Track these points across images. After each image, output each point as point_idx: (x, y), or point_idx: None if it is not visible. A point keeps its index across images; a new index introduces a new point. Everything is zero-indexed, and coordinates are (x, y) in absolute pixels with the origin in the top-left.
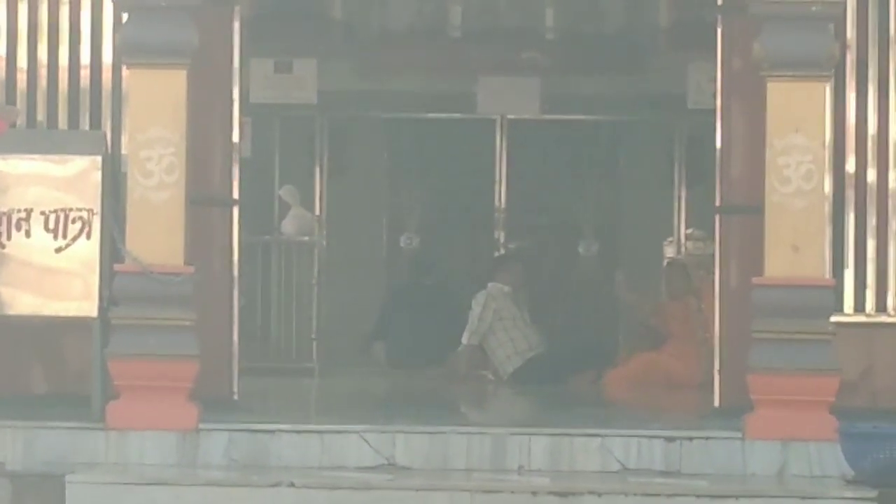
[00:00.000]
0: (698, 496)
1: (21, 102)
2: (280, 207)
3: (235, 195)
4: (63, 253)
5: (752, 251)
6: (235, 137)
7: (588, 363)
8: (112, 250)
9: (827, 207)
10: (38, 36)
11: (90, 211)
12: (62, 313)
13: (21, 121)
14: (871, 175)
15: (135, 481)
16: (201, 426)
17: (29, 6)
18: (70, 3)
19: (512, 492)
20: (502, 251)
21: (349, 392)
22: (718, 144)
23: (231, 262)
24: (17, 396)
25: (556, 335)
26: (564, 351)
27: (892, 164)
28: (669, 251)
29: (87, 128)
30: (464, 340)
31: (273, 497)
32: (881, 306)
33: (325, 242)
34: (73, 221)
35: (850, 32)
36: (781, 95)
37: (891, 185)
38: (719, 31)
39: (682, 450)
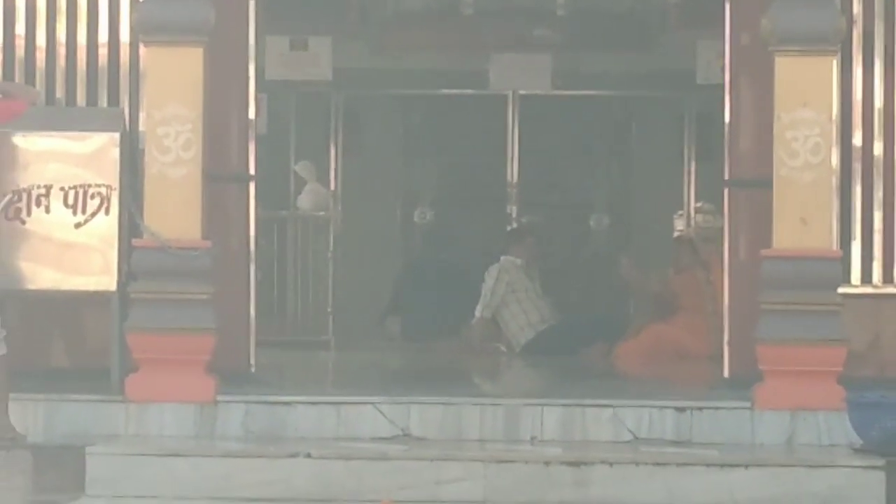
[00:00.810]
0: (708, 465)
1: (40, 81)
2: (296, 183)
3: (252, 171)
4: (82, 228)
5: (760, 224)
6: (251, 114)
7: (599, 335)
8: (130, 225)
9: (834, 180)
10: (57, 15)
11: (109, 187)
12: (82, 288)
13: (40, 99)
14: (878, 148)
15: (154, 453)
16: (219, 398)
17: None
18: None
19: (525, 462)
20: (515, 225)
21: (364, 364)
22: (727, 119)
23: (247, 236)
24: (37, 370)
25: (568, 308)
26: (576, 323)
27: None
28: (679, 225)
29: (105, 105)
30: (477, 313)
31: (290, 468)
32: (888, 277)
33: (340, 218)
34: (92, 197)
35: (857, 7)
36: (789, 70)
37: None
38: (727, 7)
39: (692, 420)
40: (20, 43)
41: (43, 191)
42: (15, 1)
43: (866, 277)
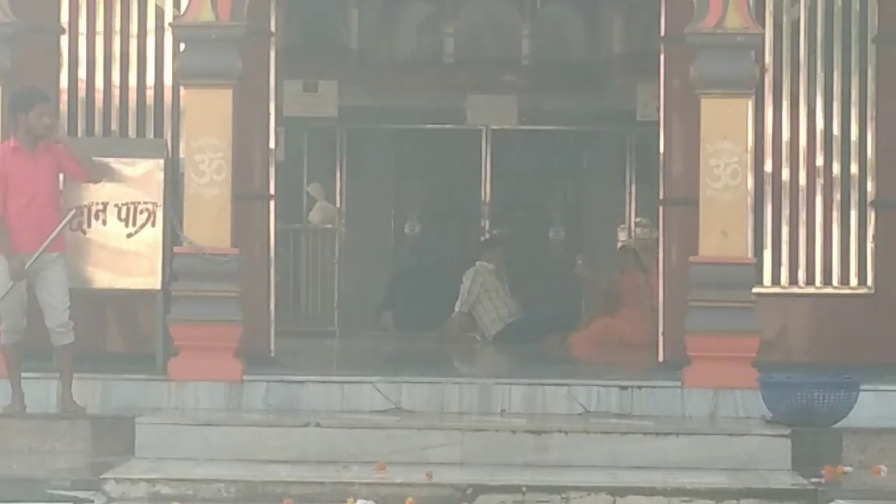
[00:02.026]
0: (646, 434)
1: (98, 116)
2: (308, 201)
3: (272, 191)
4: (133, 238)
5: (688, 236)
6: (272, 144)
7: (557, 327)
8: (172, 236)
9: (749, 200)
10: (112, 63)
11: (154, 204)
12: (132, 287)
13: (98, 130)
14: (785, 174)
15: (190, 423)
16: (244, 378)
17: (105, 39)
18: (138, 35)
19: (496, 430)
20: (487, 236)
21: (364, 350)
22: (661, 149)
23: (268, 245)
24: (96, 354)
25: (531, 304)
26: (538, 317)
27: (801, 165)
28: (622, 236)
29: (151, 136)
30: (456, 308)
31: (302, 435)
32: (793, 280)
33: (344, 229)
34: (141, 212)
35: (768, 58)
36: (712, 109)
37: (800, 182)
38: (662, 57)
39: (632, 396)
40: (82, 85)
41: (101, 207)
42: (77, 51)
43: (775, 280)
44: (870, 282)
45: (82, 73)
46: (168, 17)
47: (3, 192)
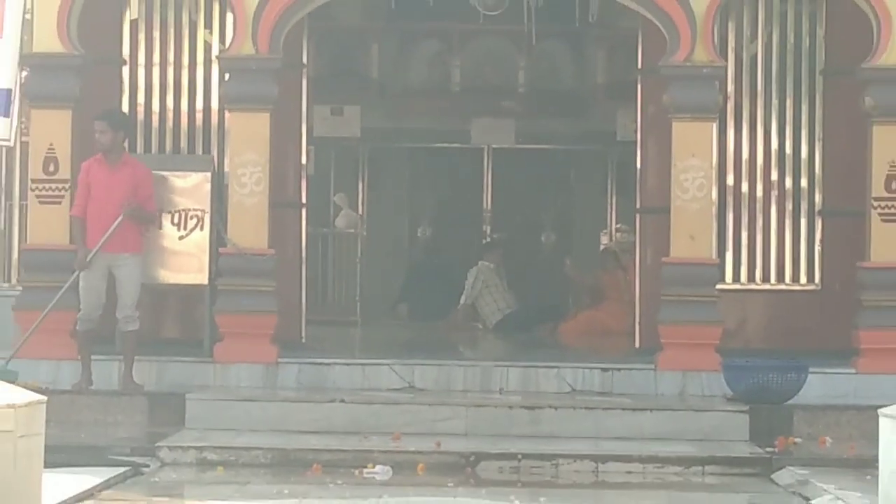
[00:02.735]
0: (624, 409)
1: (155, 136)
2: (334, 209)
3: (303, 200)
4: (184, 240)
5: (661, 239)
6: (303, 160)
7: (548, 318)
8: (218, 238)
9: (714, 209)
10: (167, 89)
11: (203, 211)
12: (183, 282)
13: (155, 148)
14: (745, 187)
15: (233, 398)
16: (279, 360)
17: (160, 69)
18: (188, 66)
19: (495, 406)
20: (488, 239)
21: (382, 337)
22: (638, 165)
23: (300, 246)
24: (152, 340)
25: (526, 298)
26: (531, 309)
27: (758, 179)
28: (604, 240)
29: (200, 153)
30: (462, 301)
31: (329, 409)
32: (751, 278)
33: (365, 233)
34: (191, 218)
35: (730, 87)
36: (682, 131)
37: (758, 193)
38: (639, 86)
39: (613, 377)
40: (140, 109)
41: (156, 213)
42: (136, 80)
43: (736, 278)
44: (817, 280)
45: (141, 98)
46: (215, 51)
47: (84, 197)
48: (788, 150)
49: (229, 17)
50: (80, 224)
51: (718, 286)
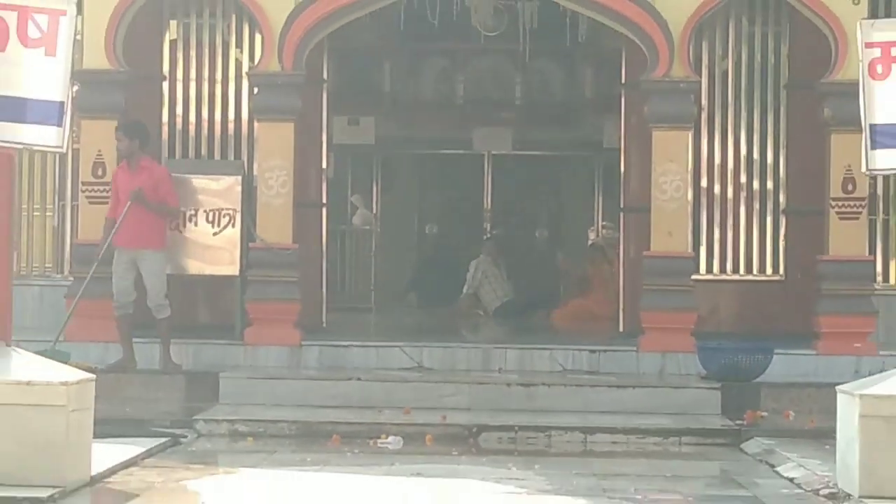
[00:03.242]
0: (610, 386)
1: (192, 144)
2: (351, 208)
3: (324, 200)
4: (217, 236)
5: (642, 235)
6: (324, 165)
7: (542, 305)
8: (247, 234)
9: (689, 208)
10: (202, 102)
11: (234, 210)
12: (217, 273)
13: (192, 154)
14: (717, 189)
15: (261, 377)
16: (302, 343)
17: (196, 84)
18: (221, 81)
19: (495, 384)
20: (488, 235)
21: (394, 322)
22: (622, 169)
23: (321, 242)
24: (189, 324)
25: (522, 288)
26: (527, 297)
27: (729, 182)
28: (592, 236)
29: (231, 158)
30: (464, 291)
31: (346, 387)
32: (723, 269)
33: (379, 230)
34: (224, 216)
35: (704, 100)
36: (661, 139)
37: (728, 195)
38: (622, 99)
39: (600, 358)
40: (179, 120)
41: (193, 212)
42: (175, 93)
43: (709, 269)
44: (781, 271)
45: (179, 110)
46: (245, 68)
47: (115, 201)
48: (756, 155)
49: (258, 37)
50: (110, 224)
51: (693, 277)
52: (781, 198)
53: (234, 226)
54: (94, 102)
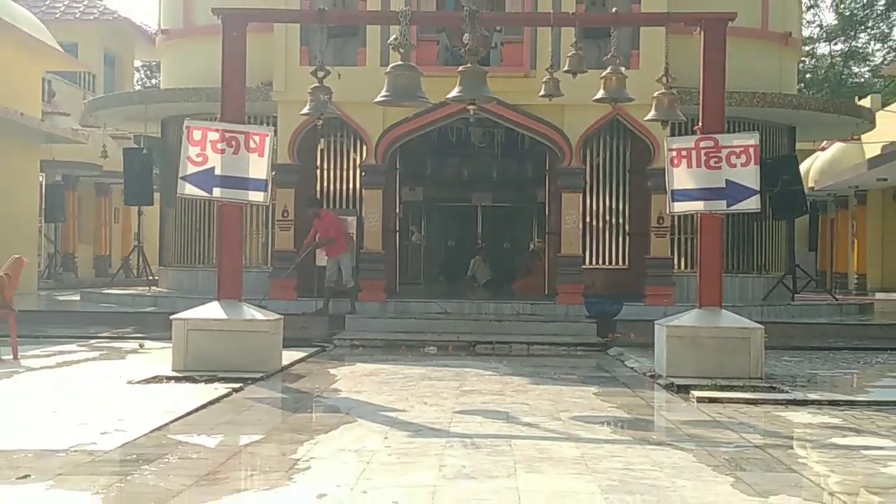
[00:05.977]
0: (540, 322)
1: (336, 202)
2: (410, 233)
3: (397, 229)
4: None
5: (557, 246)
6: (397, 211)
7: (507, 282)
8: (360, 245)
9: (580, 232)
10: (338, 181)
11: (354, 233)
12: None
13: (336, 207)
14: (594, 222)
15: (366, 317)
16: (386, 301)
17: (335, 172)
18: (347, 168)
19: (487, 321)
20: (479, 245)
21: (432, 290)
22: (547, 212)
23: (396, 249)
24: (334, 291)
25: (497, 272)
26: (500, 277)
27: (600, 219)
28: (532, 245)
29: (352, 208)
30: (468, 274)
31: (407, 323)
32: (597, 262)
33: (425, 243)
34: (350, 240)
35: (588, 177)
36: (567, 198)
37: (600, 225)
38: (546, 177)
39: (535, 307)
40: (328, 190)
41: (331, 239)
42: (325, 176)
43: (590, 262)
44: (627, 263)
45: (327, 184)
46: (358, 162)
47: (313, 235)
48: (614, 206)
49: (363, 146)
50: (305, 247)
51: (582, 266)
52: (627, 226)
53: (354, 241)
54: (282, 179)
